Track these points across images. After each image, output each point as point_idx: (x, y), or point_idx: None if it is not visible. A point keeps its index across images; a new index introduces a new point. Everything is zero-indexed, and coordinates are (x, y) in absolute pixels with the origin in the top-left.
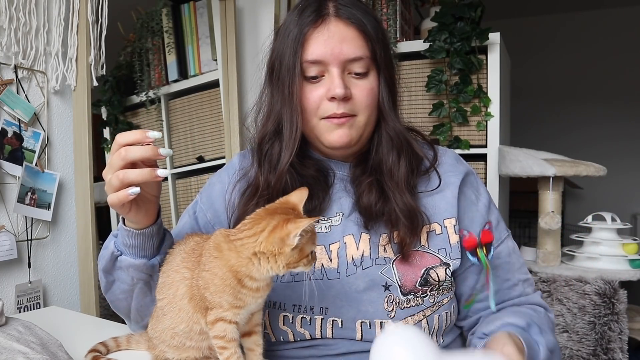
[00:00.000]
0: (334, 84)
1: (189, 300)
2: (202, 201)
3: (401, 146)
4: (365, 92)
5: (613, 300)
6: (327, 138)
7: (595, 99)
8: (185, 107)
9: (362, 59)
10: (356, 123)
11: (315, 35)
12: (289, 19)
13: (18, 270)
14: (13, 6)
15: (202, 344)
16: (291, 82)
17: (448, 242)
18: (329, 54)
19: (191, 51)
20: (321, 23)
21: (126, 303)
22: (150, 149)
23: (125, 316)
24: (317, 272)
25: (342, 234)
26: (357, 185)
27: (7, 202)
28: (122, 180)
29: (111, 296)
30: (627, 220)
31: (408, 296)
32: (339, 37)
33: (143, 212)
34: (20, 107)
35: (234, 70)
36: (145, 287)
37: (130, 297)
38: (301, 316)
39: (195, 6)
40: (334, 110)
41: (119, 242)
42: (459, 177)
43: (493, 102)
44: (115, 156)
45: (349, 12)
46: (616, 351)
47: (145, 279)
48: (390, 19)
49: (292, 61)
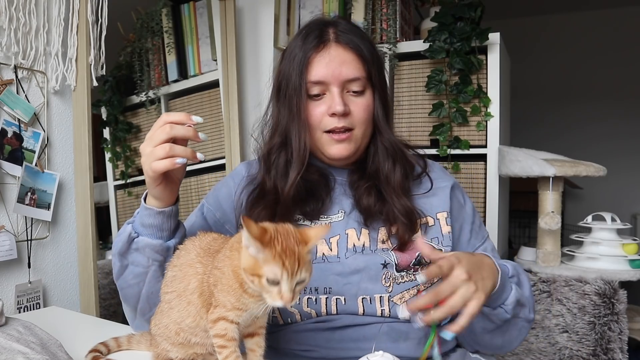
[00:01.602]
0: (335, 101)
1: (199, 295)
2: (209, 203)
3: (396, 155)
4: (362, 108)
5: (613, 300)
6: (328, 151)
7: (596, 99)
8: (185, 107)
9: (359, 79)
10: (354, 137)
11: (317, 58)
12: (293, 43)
13: (18, 270)
14: (13, 6)
15: (207, 341)
16: (298, 101)
17: (440, 233)
18: (330, 75)
19: (191, 51)
20: (323, 48)
21: (137, 289)
22: (192, 131)
23: (132, 306)
24: (319, 259)
25: (344, 228)
26: (355, 189)
27: (7, 202)
28: (168, 152)
29: (123, 282)
30: (627, 220)
31: (402, 272)
32: (339, 60)
33: (169, 190)
34: (20, 107)
35: (234, 70)
36: (159, 270)
37: (143, 281)
38: (307, 297)
39: (195, 6)
40: (335, 124)
41: (137, 224)
42: (449, 182)
43: (493, 102)
44: (160, 130)
45: (347, 38)
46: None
47: (160, 260)
48: (390, 19)
49: (298, 82)
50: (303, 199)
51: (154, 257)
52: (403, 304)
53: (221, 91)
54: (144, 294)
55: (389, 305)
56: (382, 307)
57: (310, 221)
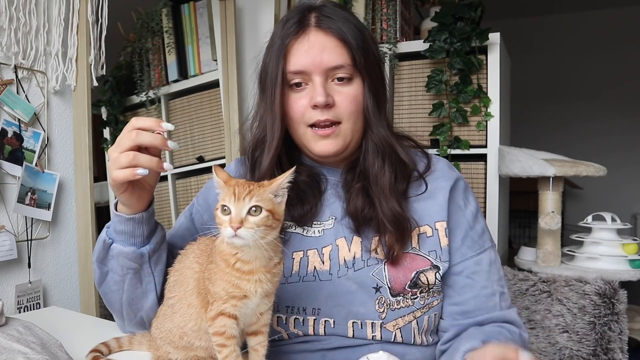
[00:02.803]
0: (316, 92)
1: (197, 295)
2: (198, 203)
3: (385, 153)
4: (348, 99)
5: (613, 300)
6: (313, 148)
7: (596, 99)
8: (185, 107)
9: (343, 67)
10: (342, 131)
11: (296, 46)
12: (275, 30)
13: (18, 270)
14: (13, 6)
15: (210, 344)
16: (273, 91)
17: (439, 245)
18: (310, 64)
19: (191, 51)
20: (302, 34)
21: (118, 295)
22: (160, 139)
23: (118, 312)
24: (310, 274)
25: (335, 237)
26: (347, 191)
27: (7, 202)
28: (131, 161)
29: (105, 288)
30: (627, 220)
31: (398, 297)
32: (319, 46)
33: (136, 197)
34: (20, 107)
35: (234, 70)
36: (135, 277)
37: (122, 289)
38: (294, 317)
39: (195, 6)
40: (318, 117)
41: (111, 230)
42: (449, 182)
43: (493, 102)
44: (127, 136)
45: (329, 21)
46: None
47: (135, 268)
48: (390, 19)
49: (275, 72)
50: (292, 203)
51: (128, 266)
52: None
53: (221, 91)
54: (125, 300)
55: (381, 331)
56: (374, 333)
57: (302, 228)
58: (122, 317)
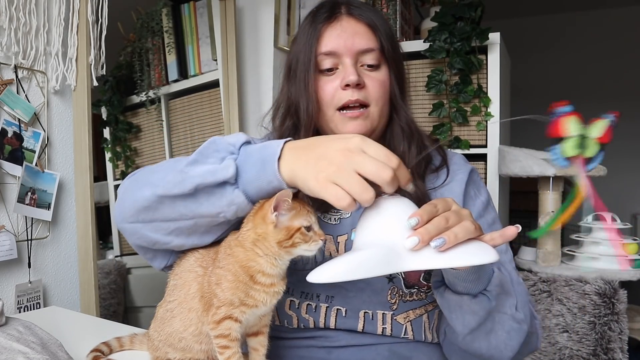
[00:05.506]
0: (348, 72)
1: (199, 299)
2: None
3: (412, 135)
4: (377, 83)
5: (613, 300)
6: (342, 130)
7: (596, 99)
8: (185, 107)
9: (373, 51)
10: (370, 114)
11: (329, 30)
12: (304, 23)
13: (18, 270)
14: (13, 6)
15: (210, 347)
16: (307, 75)
17: None
18: (342, 46)
19: (191, 51)
20: (334, 20)
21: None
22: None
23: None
24: (326, 260)
25: (352, 226)
26: None
27: (7, 202)
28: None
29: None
30: (627, 220)
31: (412, 289)
32: (351, 31)
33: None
34: (20, 107)
35: (234, 70)
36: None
37: (194, 231)
38: (307, 302)
39: (195, 6)
40: (349, 97)
41: (251, 186)
42: (465, 174)
43: (493, 102)
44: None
45: (359, 11)
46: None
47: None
48: (390, 19)
49: (308, 56)
50: None
51: (236, 214)
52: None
53: (221, 91)
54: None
55: (391, 324)
56: (384, 325)
57: (321, 213)
58: (141, 222)
